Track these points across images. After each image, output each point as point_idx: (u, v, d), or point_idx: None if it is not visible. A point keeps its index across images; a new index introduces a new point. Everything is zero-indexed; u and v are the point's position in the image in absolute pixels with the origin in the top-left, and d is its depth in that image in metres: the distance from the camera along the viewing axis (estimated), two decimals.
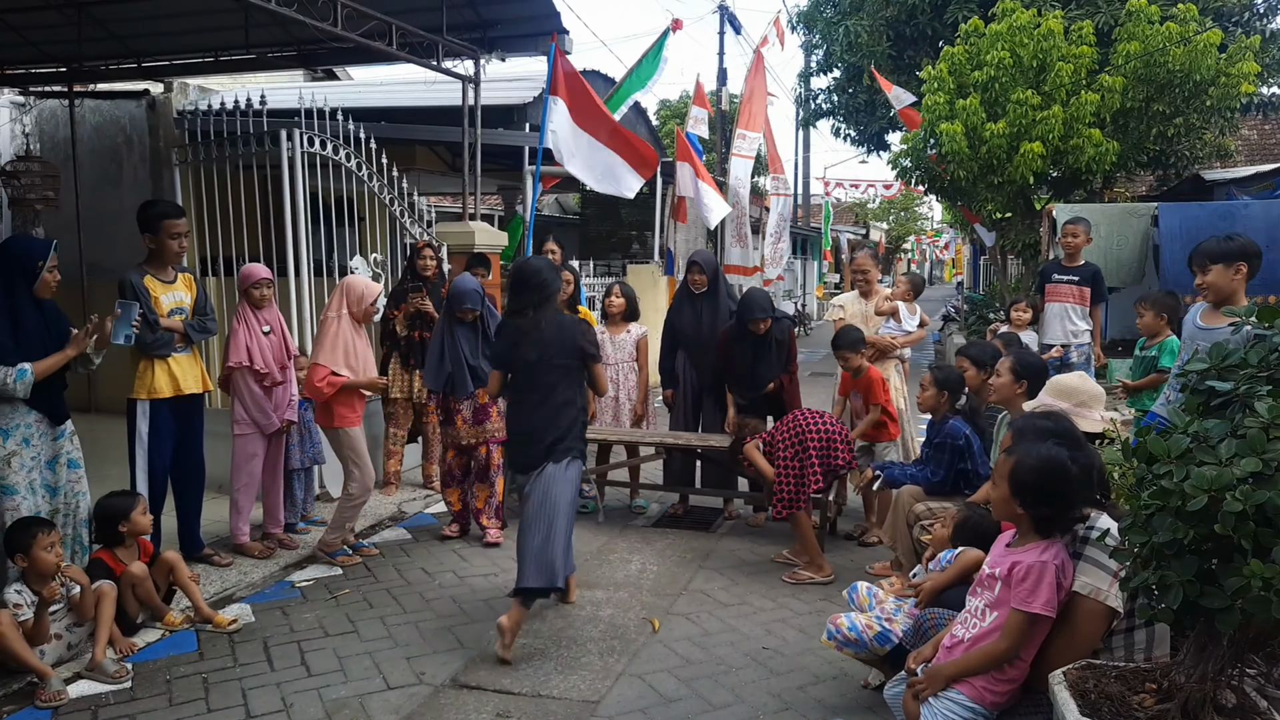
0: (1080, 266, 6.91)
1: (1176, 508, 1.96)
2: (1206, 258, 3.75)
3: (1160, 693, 2.23)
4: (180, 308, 4.61)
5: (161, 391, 4.49)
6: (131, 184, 8.72)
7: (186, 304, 4.65)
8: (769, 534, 5.63)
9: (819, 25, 15.71)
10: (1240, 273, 3.71)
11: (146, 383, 4.47)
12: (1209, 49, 10.23)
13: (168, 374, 4.52)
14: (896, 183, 21.93)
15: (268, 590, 4.56)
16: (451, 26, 7.29)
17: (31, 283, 3.81)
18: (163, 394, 4.49)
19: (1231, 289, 3.73)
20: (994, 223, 12.96)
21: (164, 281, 4.58)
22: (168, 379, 4.52)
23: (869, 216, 38.57)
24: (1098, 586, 2.44)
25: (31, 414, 3.81)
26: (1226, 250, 3.72)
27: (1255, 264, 3.74)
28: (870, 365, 5.47)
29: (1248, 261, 3.71)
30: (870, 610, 3.36)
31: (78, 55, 8.18)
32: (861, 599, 3.47)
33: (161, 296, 4.53)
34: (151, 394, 4.47)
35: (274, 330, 4.94)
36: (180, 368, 4.57)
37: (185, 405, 4.62)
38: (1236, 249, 3.72)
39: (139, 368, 4.49)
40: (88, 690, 3.46)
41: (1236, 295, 3.73)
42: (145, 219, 4.52)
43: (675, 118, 24.75)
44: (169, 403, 4.53)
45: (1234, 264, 3.70)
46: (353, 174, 6.41)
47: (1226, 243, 3.76)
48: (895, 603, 3.39)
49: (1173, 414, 2.13)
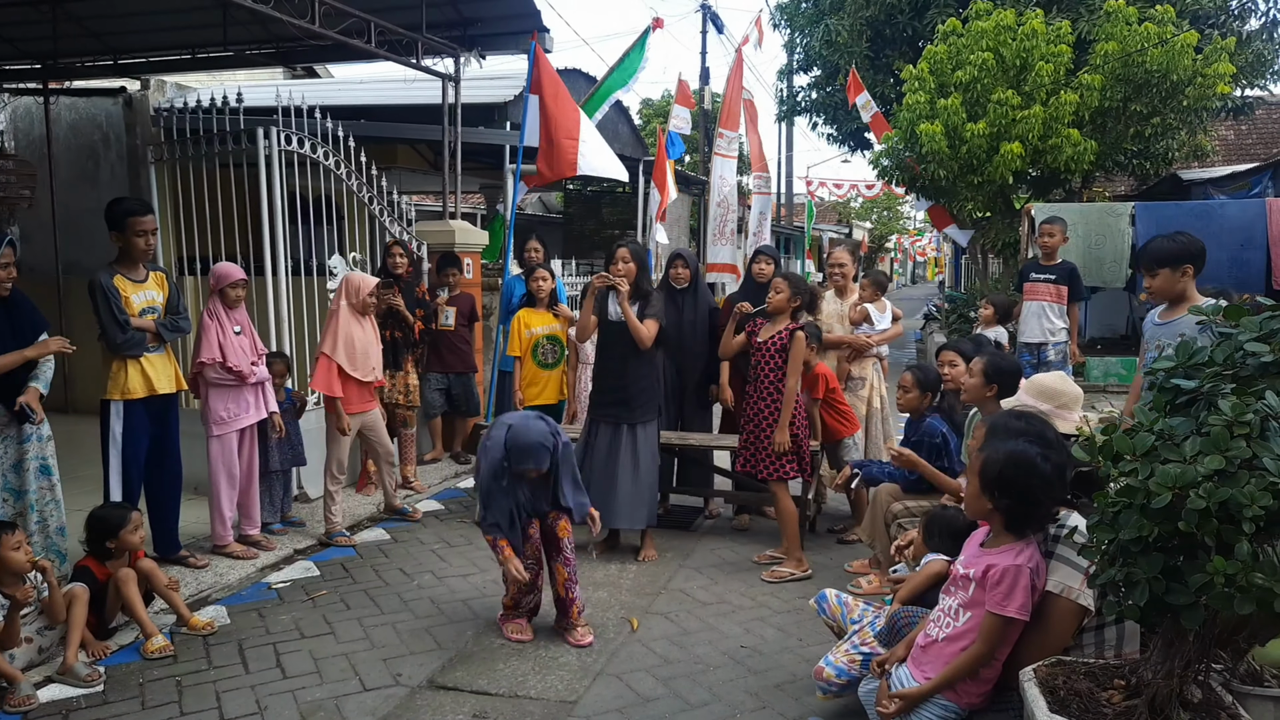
0: (1057, 265, 6.97)
1: (1142, 505, 1.98)
2: (1152, 261, 3.77)
3: (1128, 689, 2.25)
4: (152, 306, 4.55)
5: (135, 392, 4.44)
6: (108, 182, 8.64)
7: (159, 303, 4.58)
8: (749, 534, 5.64)
9: (799, 22, 15.75)
10: (1187, 273, 3.74)
11: (119, 383, 4.42)
12: (1186, 50, 10.33)
13: (140, 374, 4.46)
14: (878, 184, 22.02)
15: (244, 592, 4.53)
16: (431, 24, 7.27)
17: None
18: (136, 394, 4.44)
19: (1179, 290, 3.75)
20: (974, 222, 13.02)
21: (134, 281, 4.50)
22: (141, 379, 4.46)
23: (852, 216, 38.72)
24: (1069, 585, 2.46)
25: None
26: (1170, 253, 3.73)
27: (1200, 262, 3.76)
28: (819, 362, 5.49)
29: (1193, 262, 3.74)
30: (844, 622, 3.36)
31: (53, 52, 8.11)
32: (833, 608, 3.46)
33: (132, 296, 4.46)
34: (125, 394, 4.42)
35: (244, 331, 4.94)
36: (153, 368, 4.52)
37: (159, 405, 4.57)
38: (1180, 250, 3.73)
39: (111, 368, 4.43)
40: (59, 694, 3.43)
41: (1187, 294, 3.76)
42: (111, 217, 4.44)
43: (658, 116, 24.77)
44: (143, 403, 4.48)
45: (1180, 266, 3.72)
46: (331, 173, 6.37)
47: (1170, 244, 3.76)
48: (864, 608, 3.41)
49: (1139, 412, 2.15)
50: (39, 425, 3.98)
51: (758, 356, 4.89)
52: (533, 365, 6.20)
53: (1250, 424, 1.95)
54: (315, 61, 9.73)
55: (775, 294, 4.84)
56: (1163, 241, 3.80)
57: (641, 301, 5.05)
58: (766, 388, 4.86)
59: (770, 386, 4.83)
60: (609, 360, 5.11)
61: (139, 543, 3.94)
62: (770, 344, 4.84)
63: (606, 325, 5.12)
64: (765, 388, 4.86)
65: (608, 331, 5.12)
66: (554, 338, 6.28)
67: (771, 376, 4.81)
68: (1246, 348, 2.13)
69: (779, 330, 4.84)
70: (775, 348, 4.81)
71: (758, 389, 4.91)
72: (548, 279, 6.34)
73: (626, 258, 5.04)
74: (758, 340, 4.90)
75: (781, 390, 4.80)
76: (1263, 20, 13.10)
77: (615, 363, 5.06)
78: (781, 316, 4.86)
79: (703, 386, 5.89)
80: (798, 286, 4.85)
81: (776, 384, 4.80)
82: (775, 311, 4.85)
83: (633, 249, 5.11)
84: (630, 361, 5.03)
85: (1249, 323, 2.19)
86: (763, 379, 4.87)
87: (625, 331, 4.99)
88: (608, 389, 5.09)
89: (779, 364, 4.80)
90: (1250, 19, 13.02)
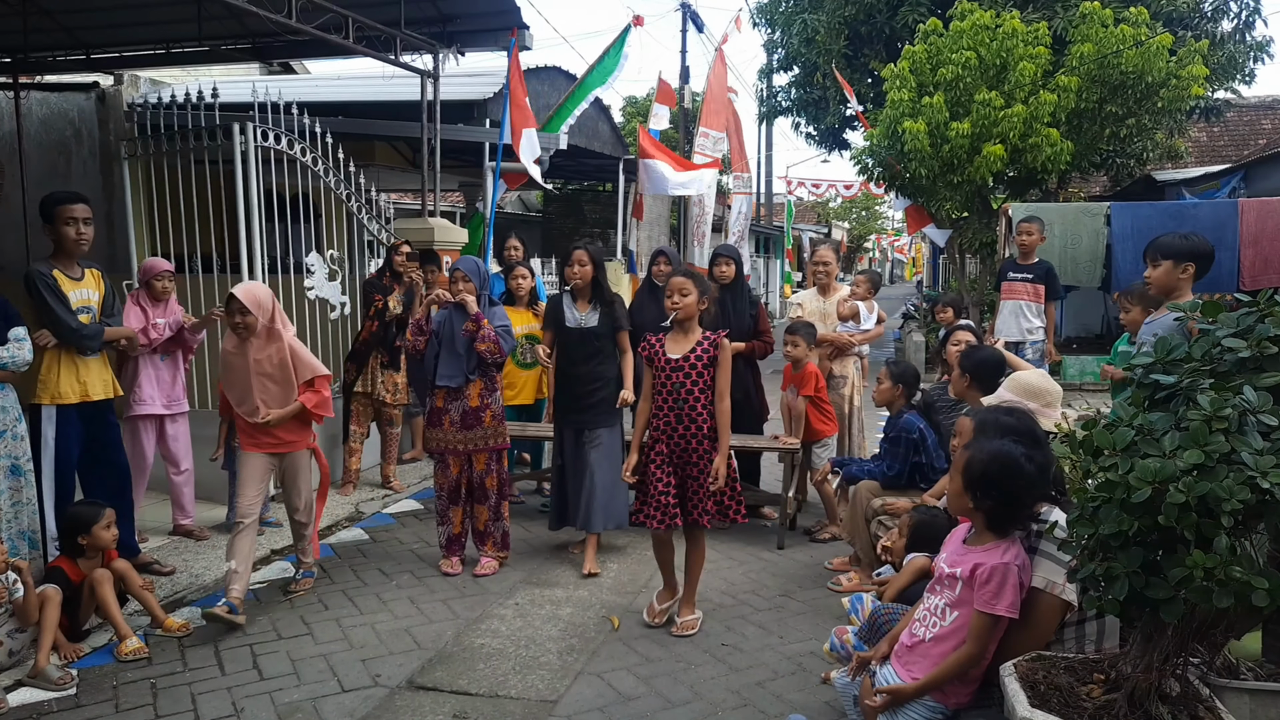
0: (1034, 264, 7.02)
1: (1122, 500, 1.99)
2: (1159, 252, 3.82)
3: (1108, 683, 2.26)
4: (87, 306, 4.31)
5: (66, 397, 4.19)
6: (81, 178, 8.51)
7: (94, 302, 4.36)
8: (729, 532, 5.63)
9: (778, 20, 15.78)
10: (1187, 272, 3.78)
11: (49, 386, 4.16)
12: (1161, 51, 10.45)
13: (74, 378, 4.23)
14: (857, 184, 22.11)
15: (219, 593, 4.46)
16: (410, 20, 7.21)
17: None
18: (68, 400, 4.20)
19: (1175, 285, 3.80)
20: (951, 221, 13.12)
21: (71, 278, 4.25)
22: (74, 383, 4.23)
23: (831, 215, 38.91)
24: (1053, 581, 2.47)
25: None
26: (1179, 248, 3.78)
27: (1205, 265, 3.81)
28: (810, 361, 5.49)
29: (1196, 262, 3.78)
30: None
31: (24, 46, 7.95)
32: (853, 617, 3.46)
33: (69, 294, 4.21)
34: (55, 399, 4.17)
35: (165, 323, 4.99)
36: (89, 370, 4.29)
37: (92, 410, 4.34)
38: (1189, 248, 3.78)
39: (41, 370, 4.16)
40: (30, 698, 3.37)
41: (1180, 292, 3.80)
42: (42, 207, 4.21)
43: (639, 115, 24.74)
44: (75, 408, 4.25)
45: (1183, 263, 3.77)
46: (309, 169, 6.31)
47: (1181, 241, 3.82)
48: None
49: (1119, 407, 2.16)
50: (13, 424, 3.90)
51: (677, 378, 3.96)
52: (511, 365, 6.16)
53: (1229, 419, 1.96)
54: (292, 57, 9.65)
55: (681, 296, 3.96)
56: (1173, 237, 3.85)
57: (605, 309, 4.90)
58: (695, 414, 3.96)
59: (702, 411, 3.96)
60: (569, 367, 4.94)
61: (111, 540, 3.88)
62: (692, 360, 3.96)
63: (564, 332, 4.93)
64: (693, 415, 3.96)
65: (565, 338, 4.94)
66: (533, 337, 6.25)
67: (703, 400, 3.96)
68: (1224, 343, 2.14)
69: (699, 340, 3.99)
70: (701, 363, 3.96)
71: (682, 416, 3.97)
72: (527, 277, 6.30)
73: (584, 260, 4.82)
74: (670, 358, 3.98)
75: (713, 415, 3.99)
76: (1234, 22, 13.27)
77: (575, 369, 4.92)
78: (692, 323, 4.04)
79: None
80: (703, 284, 4.05)
81: (708, 406, 3.97)
82: (686, 318, 3.99)
83: (591, 251, 4.89)
84: (589, 367, 4.90)
85: (1226, 319, 2.21)
86: (688, 404, 3.96)
87: (585, 338, 4.86)
88: (570, 396, 4.96)
89: (708, 381, 3.97)
90: (1223, 21, 13.19)
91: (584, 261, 4.86)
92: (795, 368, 5.50)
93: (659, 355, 4.01)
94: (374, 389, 6.18)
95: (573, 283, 4.89)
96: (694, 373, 3.95)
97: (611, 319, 4.94)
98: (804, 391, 5.40)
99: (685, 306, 3.95)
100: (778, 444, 5.40)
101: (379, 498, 6.19)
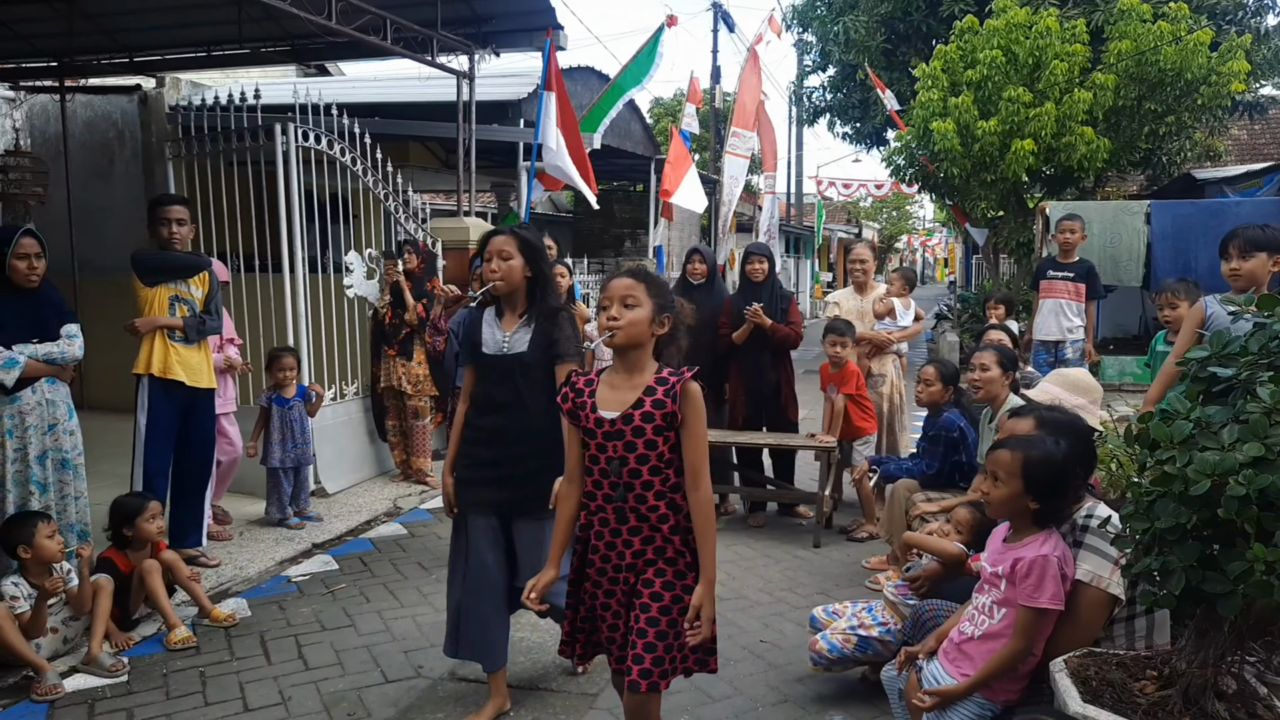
0: (1075, 263, 6.94)
1: (1179, 493, 1.97)
2: (1252, 245, 3.63)
3: (1161, 679, 2.24)
4: (184, 298, 4.55)
5: (154, 368, 4.43)
6: (123, 179, 8.69)
7: (195, 297, 4.59)
8: (765, 530, 5.64)
9: (814, 23, 15.73)
10: (1278, 265, 3.66)
11: (143, 358, 4.45)
12: (1200, 48, 10.29)
13: (164, 355, 4.45)
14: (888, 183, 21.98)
15: (264, 585, 4.54)
16: (446, 21, 7.28)
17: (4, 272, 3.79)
18: (155, 371, 4.43)
19: (1265, 278, 3.67)
20: (987, 220, 13.01)
21: None
22: (163, 359, 4.45)
23: (861, 215, 38.69)
24: (1099, 574, 2.45)
25: (16, 403, 3.78)
26: (1271, 240, 3.65)
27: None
28: (849, 360, 5.47)
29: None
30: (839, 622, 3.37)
31: (69, 49, 8.14)
32: (825, 620, 3.47)
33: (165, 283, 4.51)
34: (144, 369, 4.44)
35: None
36: (178, 356, 4.49)
37: (185, 396, 4.53)
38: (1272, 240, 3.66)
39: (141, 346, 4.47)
40: (84, 684, 3.44)
41: (1264, 285, 3.69)
42: (147, 209, 4.55)
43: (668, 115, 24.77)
44: (166, 389, 4.47)
45: (1275, 255, 3.65)
46: (347, 169, 6.38)
47: (1263, 232, 3.68)
48: (855, 609, 3.43)
49: (1175, 400, 2.14)
50: (64, 419, 3.98)
51: (615, 449, 2.36)
52: None
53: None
54: (330, 59, 9.76)
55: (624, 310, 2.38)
56: (1258, 229, 3.70)
57: (542, 325, 3.10)
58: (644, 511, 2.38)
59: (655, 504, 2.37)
60: (478, 416, 3.18)
61: (156, 533, 3.96)
62: (638, 420, 2.35)
63: (481, 360, 3.15)
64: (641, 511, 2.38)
65: (483, 369, 3.16)
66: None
67: (656, 484, 2.36)
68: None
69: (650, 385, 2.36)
70: (652, 424, 2.34)
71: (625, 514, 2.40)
72: (565, 275, 6.34)
73: (507, 250, 3.06)
74: (603, 416, 2.37)
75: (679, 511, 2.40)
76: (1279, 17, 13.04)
77: (488, 418, 3.15)
78: (639, 356, 2.41)
79: (717, 383, 5.88)
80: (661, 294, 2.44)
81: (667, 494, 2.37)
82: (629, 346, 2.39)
83: (522, 237, 3.13)
84: (512, 418, 3.11)
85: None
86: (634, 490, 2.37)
87: (508, 372, 3.09)
88: (484, 460, 3.15)
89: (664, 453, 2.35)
90: (1268, 15, 12.94)
91: (507, 253, 3.06)
92: (835, 366, 5.48)
93: (585, 410, 2.40)
94: (396, 382, 6.28)
95: (491, 284, 3.10)
96: (640, 441, 2.34)
97: (549, 341, 3.09)
98: (845, 390, 5.39)
99: (627, 328, 2.36)
100: (814, 442, 5.38)
101: (416, 493, 6.25)
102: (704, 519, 2.38)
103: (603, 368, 2.51)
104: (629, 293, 2.39)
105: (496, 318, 3.19)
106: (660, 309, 2.42)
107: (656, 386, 2.37)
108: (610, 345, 2.40)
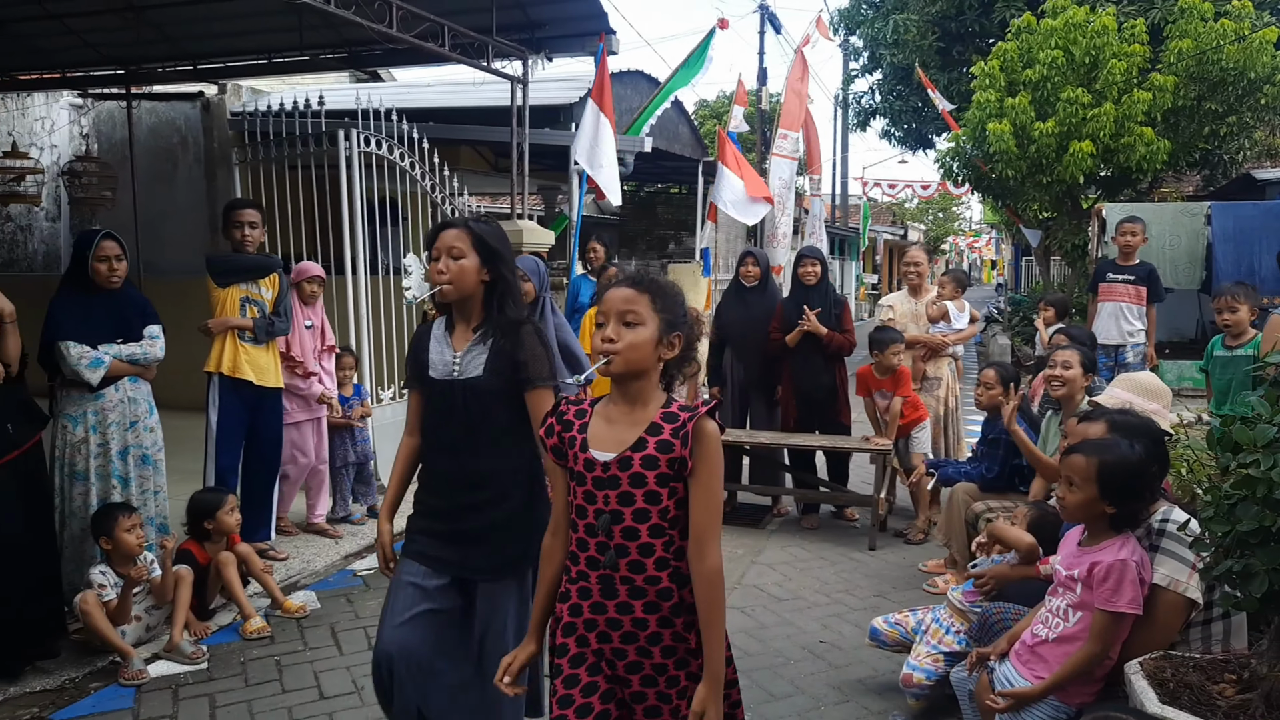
0: (1136, 265, 6.84)
1: (1263, 496, 1.97)
2: None
3: (1240, 683, 2.23)
4: (254, 299, 4.70)
5: (223, 366, 4.60)
6: (185, 184, 8.93)
7: (264, 298, 4.74)
8: (820, 531, 5.64)
9: (862, 25, 15.65)
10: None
11: (213, 357, 4.62)
12: (1265, 46, 10.06)
13: (234, 355, 4.61)
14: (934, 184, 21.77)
15: (331, 578, 4.66)
16: (501, 27, 7.38)
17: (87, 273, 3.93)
18: (224, 370, 4.60)
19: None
20: (1039, 222, 12.83)
21: None
22: (232, 358, 4.61)
23: (907, 217, 38.32)
24: (1176, 578, 2.44)
25: (99, 400, 3.92)
26: None
27: None
28: (901, 364, 5.47)
29: None
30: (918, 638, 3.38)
31: (135, 58, 8.39)
32: (889, 633, 3.49)
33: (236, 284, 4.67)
34: (214, 367, 4.61)
35: (315, 326, 5.18)
36: (248, 355, 4.64)
37: (254, 395, 4.69)
38: None
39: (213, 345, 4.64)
40: (167, 670, 3.58)
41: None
42: (222, 213, 4.74)
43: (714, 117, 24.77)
44: (236, 387, 4.62)
45: None
46: (406, 173, 6.52)
47: None
48: (916, 615, 3.44)
49: (1258, 404, 2.13)
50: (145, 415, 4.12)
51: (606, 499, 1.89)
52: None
53: None
54: (386, 65, 9.93)
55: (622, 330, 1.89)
56: None
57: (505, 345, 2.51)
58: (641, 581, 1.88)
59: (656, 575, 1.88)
60: (432, 454, 2.65)
61: (235, 525, 4.09)
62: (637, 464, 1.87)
63: (427, 386, 2.59)
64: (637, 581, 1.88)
65: (430, 397, 2.60)
66: None
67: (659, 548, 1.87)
68: None
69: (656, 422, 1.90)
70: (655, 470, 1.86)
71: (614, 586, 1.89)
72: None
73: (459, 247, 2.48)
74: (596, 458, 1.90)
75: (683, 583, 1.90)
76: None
77: (441, 460, 2.61)
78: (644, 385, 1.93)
79: (769, 385, 5.91)
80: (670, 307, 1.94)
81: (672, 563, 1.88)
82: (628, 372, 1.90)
83: (476, 231, 2.52)
84: (465, 459, 2.55)
85: None
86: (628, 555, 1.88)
87: (460, 401, 2.51)
88: (437, 510, 2.60)
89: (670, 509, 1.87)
90: None
91: (459, 250, 2.49)
92: (884, 372, 5.48)
93: (573, 448, 1.94)
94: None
95: (439, 288, 2.50)
96: (640, 492, 1.87)
97: (511, 364, 2.52)
98: (901, 392, 5.38)
99: (626, 353, 1.88)
100: (869, 445, 5.38)
101: None
102: (711, 599, 1.84)
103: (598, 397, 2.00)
104: (629, 307, 1.89)
105: (446, 333, 2.58)
106: (669, 326, 1.91)
107: (663, 424, 1.87)
108: (606, 374, 1.90)
